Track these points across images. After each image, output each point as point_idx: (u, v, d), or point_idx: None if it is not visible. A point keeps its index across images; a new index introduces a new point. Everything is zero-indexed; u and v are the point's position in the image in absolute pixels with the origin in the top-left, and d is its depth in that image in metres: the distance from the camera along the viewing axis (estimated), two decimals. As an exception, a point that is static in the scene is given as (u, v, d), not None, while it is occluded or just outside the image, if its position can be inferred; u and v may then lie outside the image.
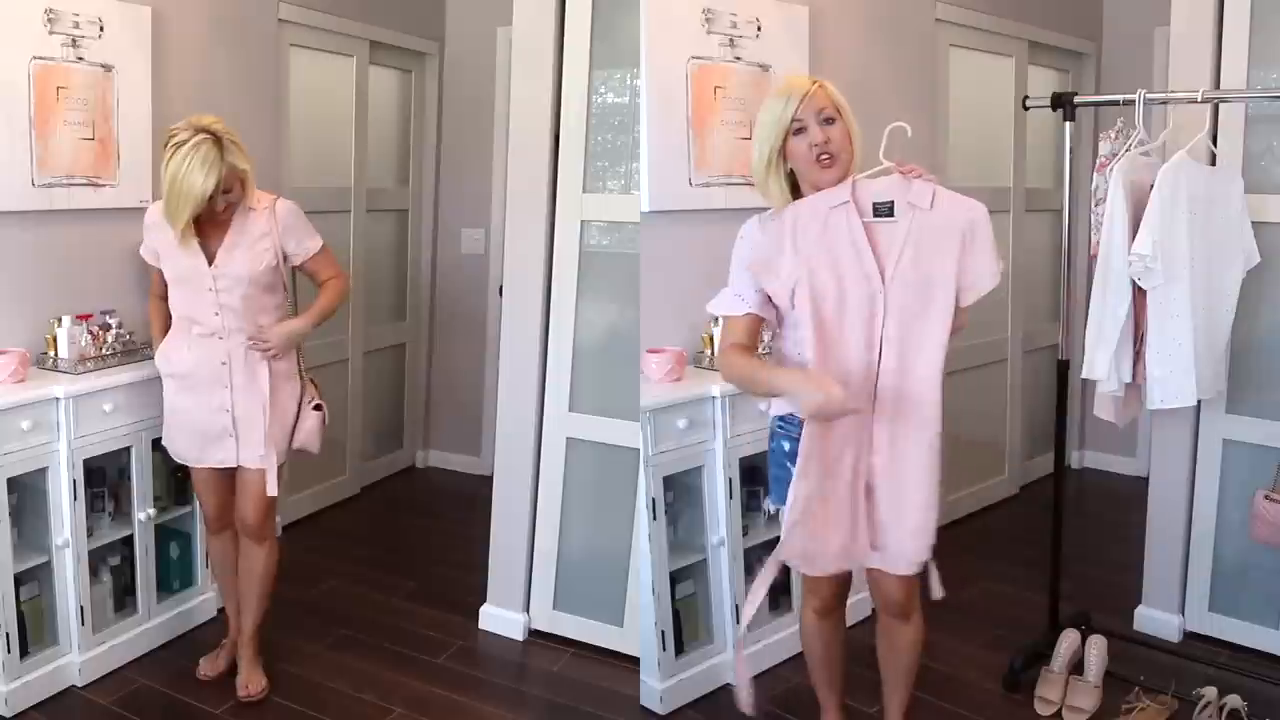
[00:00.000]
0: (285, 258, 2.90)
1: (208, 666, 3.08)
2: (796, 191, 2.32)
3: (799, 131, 2.24)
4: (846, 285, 2.21)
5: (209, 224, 2.79)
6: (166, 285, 2.90)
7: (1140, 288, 2.87)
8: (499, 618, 3.46)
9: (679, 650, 3.04)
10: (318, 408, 3.00)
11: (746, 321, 2.31)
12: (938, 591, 2.34)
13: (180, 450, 2.96)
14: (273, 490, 2.90)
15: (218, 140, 2.64)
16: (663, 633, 2.97)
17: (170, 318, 2.93)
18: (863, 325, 2.22)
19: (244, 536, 2.98)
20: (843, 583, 2.46)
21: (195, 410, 2.89)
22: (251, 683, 2.97)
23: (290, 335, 2.89)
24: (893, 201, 2.23)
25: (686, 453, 3.00)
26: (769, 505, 2.46)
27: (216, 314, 2.82)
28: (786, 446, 2.36)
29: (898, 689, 2.57)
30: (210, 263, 2.80)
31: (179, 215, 2.69)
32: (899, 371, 2.22)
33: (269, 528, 2.97)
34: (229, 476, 2.95)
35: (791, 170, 2.30)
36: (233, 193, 2.74)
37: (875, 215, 2.23)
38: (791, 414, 2.31)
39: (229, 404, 2.86)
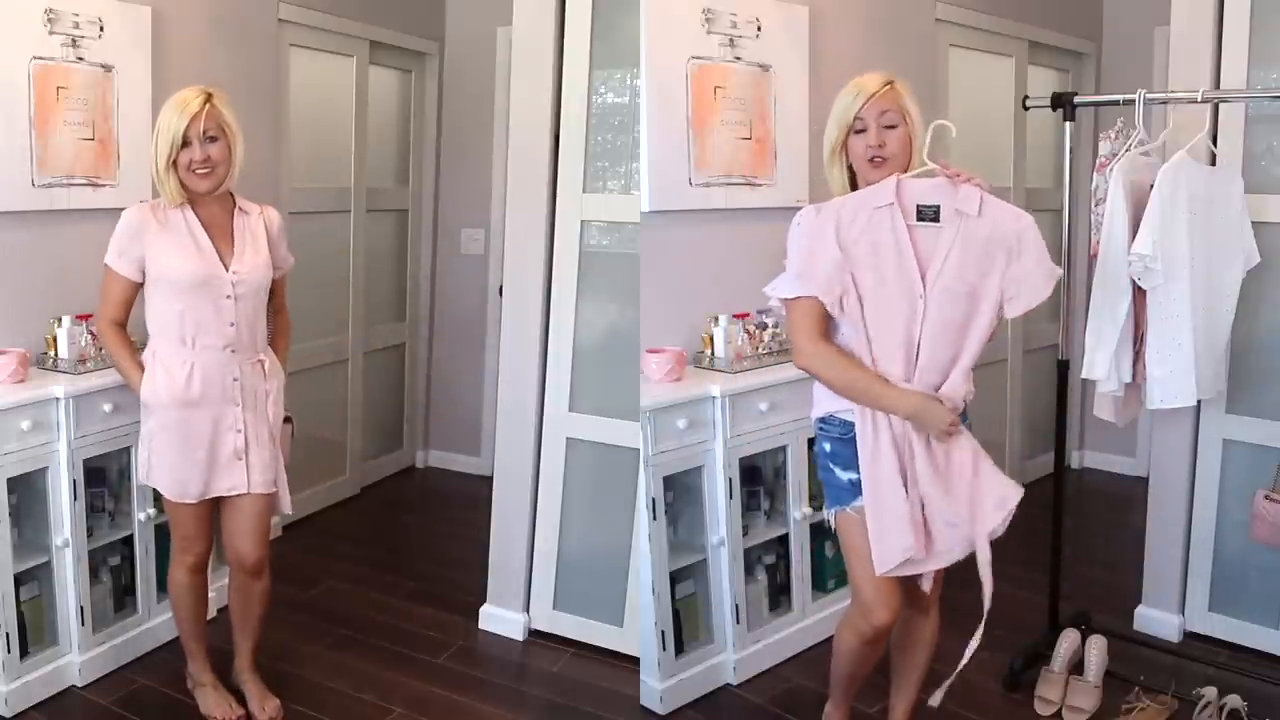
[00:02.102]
0: None
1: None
2: (855, 184, 2.32)
3: (860, 131, 2.24)
4: (889, 289, 2.19)
5: (211, 230, 2.64)
6: (123, 306, 2.69)
7: (1140, 288, 2.87)
8: (499, 618, 3.46)
9: (679, 650, 3.04)
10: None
11: (818, 304, 2.25)
12: (987, 601, 2.35)
13: (181, 487, 2.66)
14: (288, 508, 2.81)
15: (210, 93, 2.59)
16: (663, 633, 2.97)
17: (130, 341, 2.73)
18: (901, 331, 2.20)
19: (240, 573, 2.81)
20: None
21: (203, 436, 2.64)
22: (269, 706, 2.88)
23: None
24: (938, 206, 2.20)
25: (686, 453, 3.00)
26: (826, 514, 2.42)
27: (232, 324, 2.62)
28: (828, 448, 2.35)
29: (908, 688, 2.57)
30: (225, 268, 2.63)
31: (166, 140, 2.53)
32: (933, 385, 2.21)
33: (266, 557, 2.80)
34: (213, 509, 2.76)
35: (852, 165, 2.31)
36: (218, 144, 2.56)
37: (919, 219, 2.21)
38: (831, 414, 2.32)
39: (240, 423, 2.66)
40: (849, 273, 2.20)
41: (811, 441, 2.59)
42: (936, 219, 2.20)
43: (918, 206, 2.21)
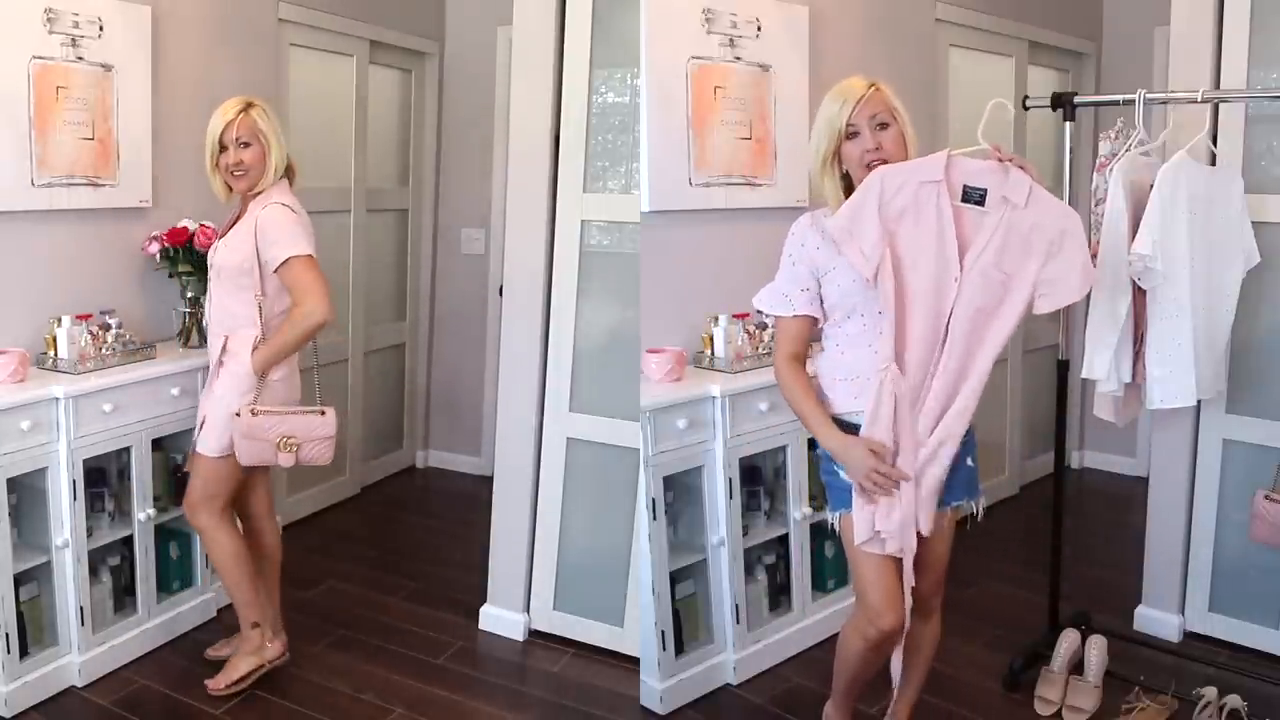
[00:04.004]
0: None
1: (220, 647, 3.18)
2: (851, 192, 2.26)
3: (852, 136, 2.21)
4: (925, 267, 2.14)
5: (234, 220, 2.91)
6: None
7: (1140, 288, 2.87)
8: (499, 618, 3.46)
9: (679, 650, 3.04)
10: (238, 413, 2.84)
11: (798, 325, 2.29)
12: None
13: None
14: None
15: (251, 102, 2.87)
16: (663, 633, 2.97)
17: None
18: (929, 315, 2.15)
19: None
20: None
21: None
22: (216, 678, 2.97)
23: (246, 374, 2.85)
24: (986, 190, 2.16)
25: (686, 453, 3.00)
26: (828, 516, 2.39)
27: (209, 303, 2.94)
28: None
29: (909, 690, 2.56)
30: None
31: (208, 145, 2.83)
32: (957, 371, 2.17)
33: (194, 512, 2.94)
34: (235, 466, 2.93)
35: (847, 172, 2.26)
36: (250, 149, 2.80)
37: (964, 200, 2.16)
38: (837, 416, 2.29)
39: (208, 392, 2.95)
40: (886, 246, 2.14)
41: (813, 442, 2.58)
42: (982, 202, 2.16)
43: (965, 187, 2.17)
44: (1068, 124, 3.09)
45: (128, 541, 3.14)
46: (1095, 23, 5.18)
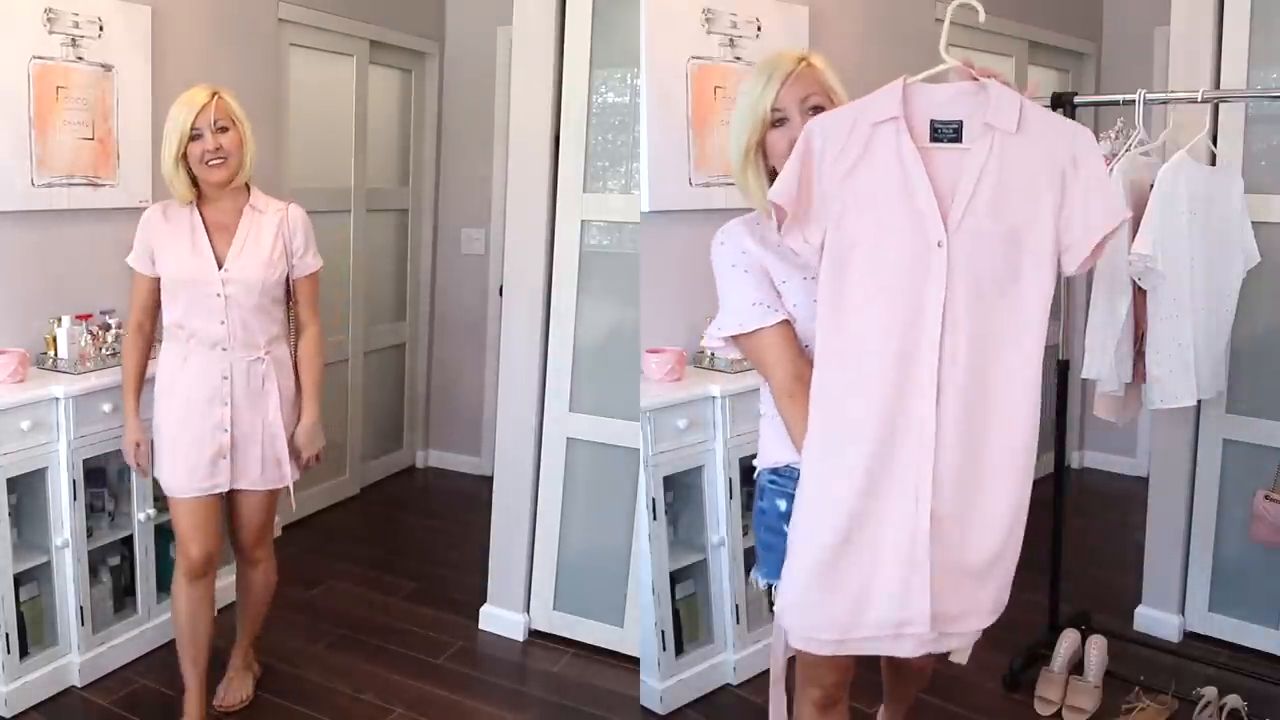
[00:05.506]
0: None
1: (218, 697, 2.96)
2: None
3: (779, 123, 1.81)
4: (887, 237, 1.64)
5: (216, 228, 2.60)
6: (145, 310, 2.66)
7: (1140, 287, 2.87)
8: (499, 618, 3.46)
9: (679, 650, 3.04)
10: None
11: (786, 334, 1.80)
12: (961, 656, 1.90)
13: (168, 479, 2.66)
14: (262, 519, 2.78)
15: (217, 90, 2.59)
16: (663, 633, 2.97)
17: (145, 356, 2.70)
18: (909, 295, 1.62)
19: (239, 561, 2.87)
20: (850, 664, 1.96)
21: (189, 432, 2.61)
22: (229, 694, 2.89)
23: (315, 430, 2.75)
24: (961, 121, 1.66)
25: (686, 453, 3.00)
26: (757, 579, 1.96)
27: (222, 323, 2.58)
28: (782, 506, 1.88)
29: (904, 700, 2.55)
30: (220, 266, 2.58)
31: (174, 136, 2.52)
32: (974, 367, 1.63)
33: (263, 551, 2.85)
34: (216, 509, 2.70)
35: (774, 168, 1.83)
36: (229, 134, 2.53)
37: (935, 139, 1.66)
38: (789, 465, 1.86)
39: (227, 422, 2.61)
40: (831, 218, 1.66)
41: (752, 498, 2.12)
42: (959, 138, 1.66)
43: (932, 123, 1.66)
44: (1068, 124, 3.09)
45: (127, 541, 3.14)
46: (1095, 23, 5.18)
